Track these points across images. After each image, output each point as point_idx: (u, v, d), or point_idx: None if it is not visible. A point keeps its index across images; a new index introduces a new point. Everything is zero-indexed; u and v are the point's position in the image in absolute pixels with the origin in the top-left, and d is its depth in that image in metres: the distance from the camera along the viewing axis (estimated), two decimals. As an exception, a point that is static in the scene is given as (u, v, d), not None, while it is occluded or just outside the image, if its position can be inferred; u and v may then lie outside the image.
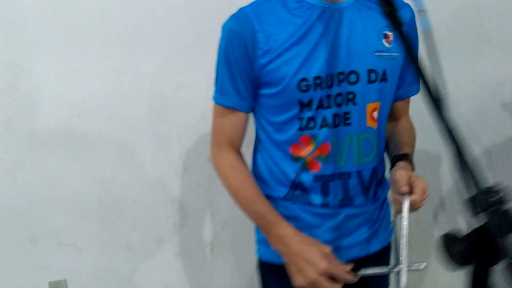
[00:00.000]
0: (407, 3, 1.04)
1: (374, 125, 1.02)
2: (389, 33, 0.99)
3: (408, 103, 1.18)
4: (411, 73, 1.10)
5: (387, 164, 1.13)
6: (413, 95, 1.14)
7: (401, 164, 1.02)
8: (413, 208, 0.93)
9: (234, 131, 1.05)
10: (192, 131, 1.70)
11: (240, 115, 1.04)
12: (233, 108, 1.02)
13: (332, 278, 0.91)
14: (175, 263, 1.82)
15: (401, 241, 0.91)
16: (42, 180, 1.62)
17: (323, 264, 0.89)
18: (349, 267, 0.93)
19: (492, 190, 0.60)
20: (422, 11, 0.70)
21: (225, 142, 1.06)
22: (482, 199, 0.60)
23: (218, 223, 1.82)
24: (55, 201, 1.65)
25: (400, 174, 0.96)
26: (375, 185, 1.09)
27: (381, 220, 1.12)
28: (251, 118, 1.12)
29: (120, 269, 1.77)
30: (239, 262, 1.88)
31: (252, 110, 1.07)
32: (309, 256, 0.90)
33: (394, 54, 1.00)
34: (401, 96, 1.12)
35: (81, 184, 1.65)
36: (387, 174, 1.12)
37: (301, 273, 0.91)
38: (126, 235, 1.74)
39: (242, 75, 0.98)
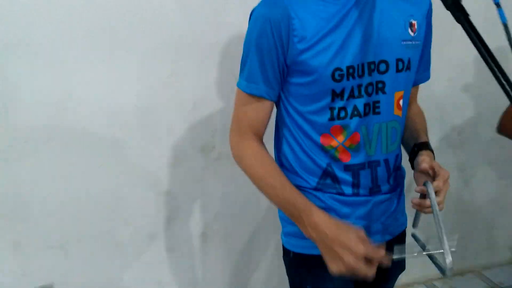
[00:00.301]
0: None
1: (400, 113, 1.03)
2: (414, 22, 1.00)
3: (417, 89, 1.21)
4: (425, 60, 1.12)
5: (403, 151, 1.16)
6: (425, 81, 1.17)
7: (424, 153, 1.04)
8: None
9: (259, 119, 1.02)
10: (184, 122, 1.64)
11: (267, 104, 1.01)
12: (260, 97, 0.99)
13: (367, 261, 0.88)
14: (168, 257, 1.77)
15: (435, 221, 0.91)
16: (25, 179, 1.50)
17: (361, 249, 0.86)
18: (383, 250, 0.90)
19: None
20: (497, 3, 0.71)
21: (249, 131, 1.02)
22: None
23: (210, 214, 1.79)
24: (40, 201, 1.54)
25: (423, 159, 1.00)
26: (397, 171, 1.11)
27: (400, 206, 1.15)
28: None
29: (111, 269, 1.70)
30: (232, 251, 1.87)
31: (278, 98, 1.05)
32: (346, 241, 0.87)
33: (416, 42, 1.02)
34: (415, 82, 1.13)
35: (66, 181, 1.55)
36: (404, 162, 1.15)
37: (338, 260, 0.87)
38: (117, 233, 1.67)
39: (274, 63, 0.95)
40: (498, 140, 2.11)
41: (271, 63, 0.95)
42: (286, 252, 1.13)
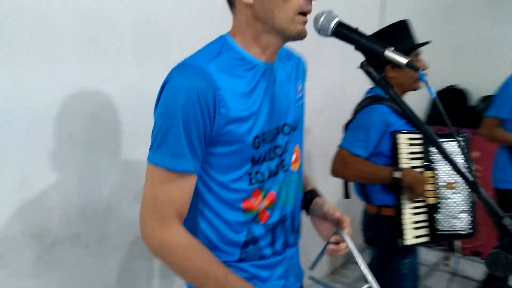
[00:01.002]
0: (298, 54, 1.14)
1: (296, 167, 1.09)
2: (299, 84, 1.10)
3: None
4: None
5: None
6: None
7: (320, 200, 1.13)
8: None
9: (185, 199, 0.93)
10: (8, 204, 1.28)
11: (193, 179, 0.93)
12: (188, 172, 0.90)
13: None
14: None
15: (361, 266, 1.00)
16: None
17: None
18: None
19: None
20: (425, 81, 0.81)
21: (173, 215, 0.91)
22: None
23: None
24: None
25: (329, 212, 1.06)
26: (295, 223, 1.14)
27: (298, 257, 1.17)
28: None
29: None
30: None
31: None
32: None
33: (301, 102, 1.11)
34: None
35: None
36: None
37: None
38: None
39: (200, 135, 0.89)
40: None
41: (197, 135, 0.90)
42: None
